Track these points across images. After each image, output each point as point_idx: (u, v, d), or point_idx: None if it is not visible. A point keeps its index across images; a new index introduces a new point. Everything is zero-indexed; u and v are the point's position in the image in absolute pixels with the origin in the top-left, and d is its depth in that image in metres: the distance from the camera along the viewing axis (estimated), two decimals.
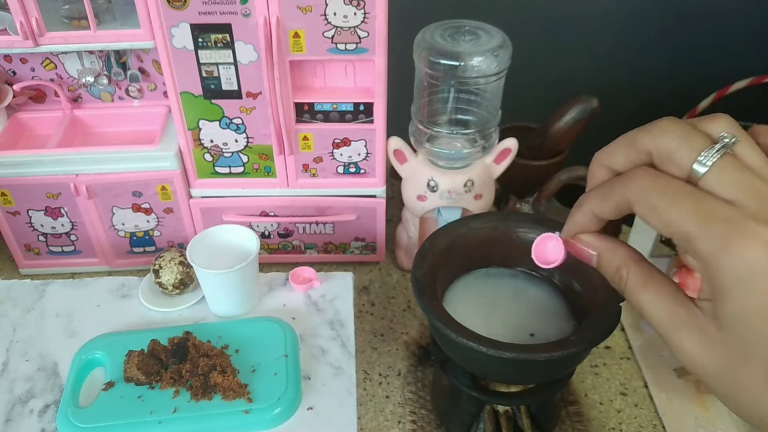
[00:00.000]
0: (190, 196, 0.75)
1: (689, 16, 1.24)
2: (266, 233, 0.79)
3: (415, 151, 0.73)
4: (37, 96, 0.77)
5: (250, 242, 0.63)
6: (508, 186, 0.83)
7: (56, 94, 0.75)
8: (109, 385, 0.55)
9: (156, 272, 0.65)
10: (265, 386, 0.55)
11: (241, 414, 0.52)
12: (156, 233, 0.78)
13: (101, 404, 0.53)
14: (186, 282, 0.66)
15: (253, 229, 0.67)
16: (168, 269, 0.65)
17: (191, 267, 0.64)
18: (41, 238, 0.77)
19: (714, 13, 1.24)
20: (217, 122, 0.69)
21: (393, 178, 0.87)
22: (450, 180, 0.70)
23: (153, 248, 0.79)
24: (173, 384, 0.55)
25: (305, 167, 0.73)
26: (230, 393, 0.54)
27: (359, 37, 0.63)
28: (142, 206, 0.75)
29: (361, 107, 0.68)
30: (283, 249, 0.81)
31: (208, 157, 0.72)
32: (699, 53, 1.29)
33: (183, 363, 0.56)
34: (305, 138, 0.71)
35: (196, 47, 0.63)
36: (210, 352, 0.57)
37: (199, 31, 0.62)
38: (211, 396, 0.54)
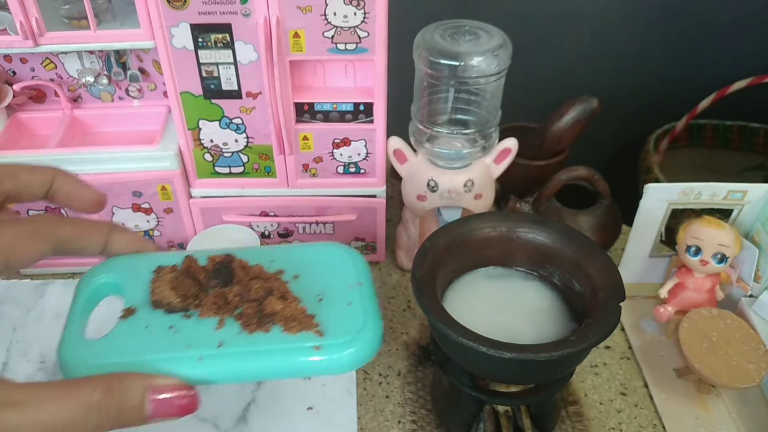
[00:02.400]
0: (190, 196, 0.75)
1: (689, 16, 1.24)
2: (266, 233, 0.79)
3: (415, 151, 0.73)
4: (37, 96, 0.77)
5: (250, 242, 0.64)
6: (508, 186, 0.83)
7: (56, 94, 0.76)
8: (129, 311, 0.40)
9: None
10: (338, 318, 0.41)
11: (309, 350, 0.38)
12: (156, 233, 0.78)
13: (119, 336, 0.39)
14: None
15: (253, 229, 0.67)
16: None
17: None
18: None
19: (714, 14, 1.24)
20: (217, 122, 0.69)
21: (393, 178, 0.87)
22: (450, 180, 0.70)
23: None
24: (217, 311, 0.40)
25: (305, 167, 0.73)
26: (294, 324, 0.40)
27: (359, 37, 0.63)
28: (142, 206, 0.75)
29: (361, 107, 0.69)
30: None
31: (208, 157, 0.72)
32: (699, 53, 1.29)
33: (228, 286, 0.42)
34: (305, 138, 0.71)
35: (196, 47, 0.63)
36: (262, 275, 0.43)
37: (199, 31, 0.62)
38: (268, 327, 0.40)
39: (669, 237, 0.71)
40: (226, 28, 0.62)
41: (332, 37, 0.63)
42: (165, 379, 0.32)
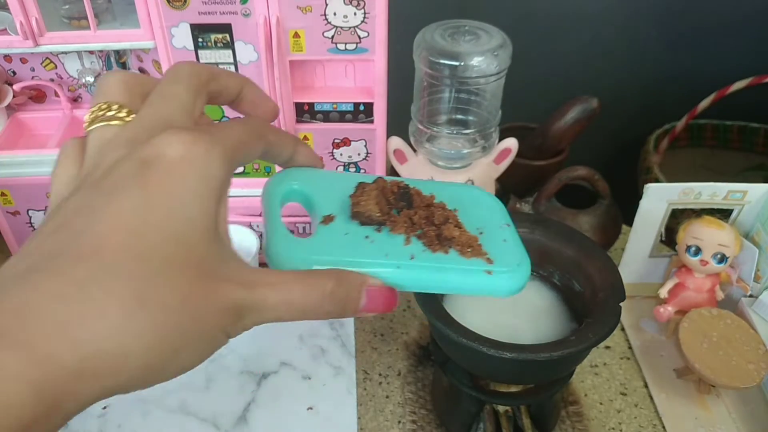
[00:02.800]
0: None
1: (689, 16, 1.24)
2: None
3: (415, 151, 0.73)
4: (37, 96, 0.77)
5: (250, 242, 0.64)
6: (508, 186, 0.83)
7: (56, 94, 0.76)
8: (329, 218, 0.43)
9: None
10: (499, 250, 0.46)
11: (482, 274, 0.44)
12: None
13: (324, 238, 0.41)
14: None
15: (253, 230, 0.67)
16: None
17: None
18: None
19: (714, 14, 1.24)
20: (218, 122, 0.69)
21: None
22: (450, 180, 0.70)
23: None
24: (406, 230, 0.44)
25: None
26: (468, 250, 0.45)
27: (359, 37, 0.63)
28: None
29: (361, 107, 0.69)
30: None
31: None
32: (699, 53, 1.29)
33: (412, 209, 0.46)
34: (305, 138, 0.71)
35: (196, 47, 0.63)
36: (433, 204, 0.47)
37: (199, 31, 0.62)
38: (447, 250, 0.44)
39: (669, 237, 0.71)
40: (226, 28, 0.62)
41: (332, 37, 0.63)
42: (374, 279, 0.36)
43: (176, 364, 0.27)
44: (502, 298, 0.45)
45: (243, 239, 0.64)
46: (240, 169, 0.73)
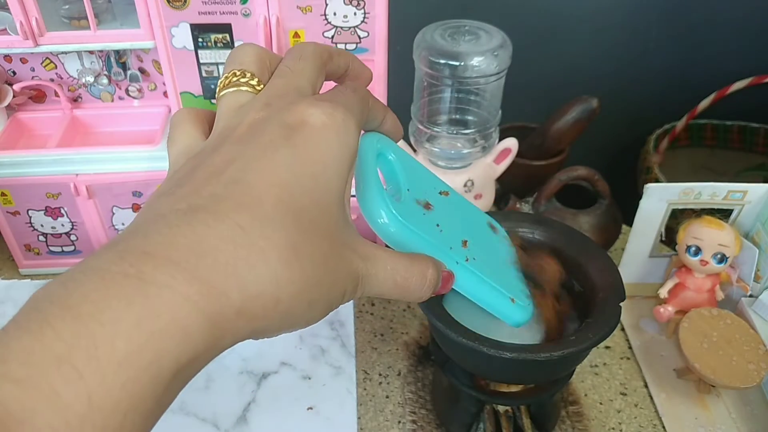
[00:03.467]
0: None
1: (689, 16, 1.24)
2: None
3: (415, 150, 0.73)
4: (37, 96, 0.77)
5: None
6: (508, 186, 0.83)
7: (56, 94, 0.76)
8: (428, 205, 0.44)
9: None
10: (515, 285, 0.49)
11: (508, 299, 0.46)
12: None
13: (407, 211, 0.40)
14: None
15: None
16: None
17: None
18: (41, 238, 0.77)
19: (714, 13, 1.24)
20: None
21: None
22: (450, 180, 0.70)
23: None
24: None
25: None
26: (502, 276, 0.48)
27: (359, 37, 0.63)
28: (143, 206, 0.74)
29: None
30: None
31: None
32: (699, 53, 1.29)
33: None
34: None
35: (196, 47, 0.63)
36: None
37: (199, 31, 0.62)
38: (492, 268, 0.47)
39: (669, 237, 0.71)
40: (226, 28, 0.62)
41: (332, 37, 0.63)
42: (442, 264, 0.38)
43: (308, 316, 0.29)
44: (508, 323, 0.47)
45: None
46: None
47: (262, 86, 0.32)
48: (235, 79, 0.32)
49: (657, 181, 1.19)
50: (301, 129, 0.28)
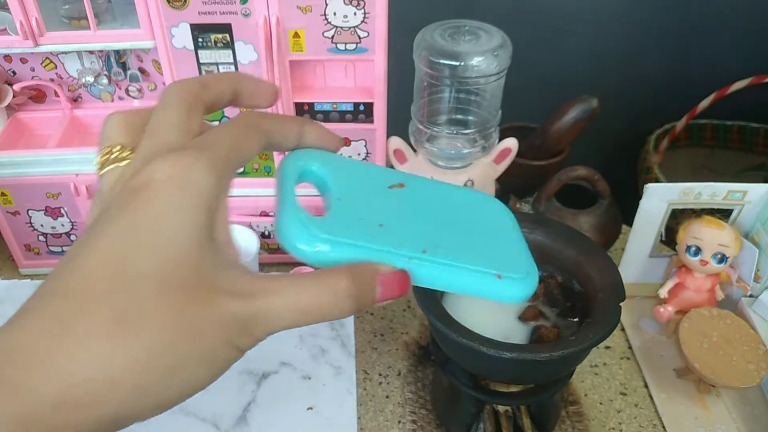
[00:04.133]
0: None
1: (689, 16, 1.24)
2: (266, 233, 0.79)
3: (415, 151, 0.73)
4: (37, 96, 0.77)
5: (251, 242, 0.64)
6: (508, 186, 0.83)
7: (56, 94, 0.76)
8: (370, 206, 0.44)
9: None
10: (510, 257, 0.45)
11: (493, 277, 0.43)
12: None
13: (337, 219, 0.40)
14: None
15: (253, 229, 0.67)
16: None
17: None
18: (41, 238, 0.77)
19: (714, 14, 1.24)
20: (218, 122, 0.69)
21: None
22: (450, 180, 0.70)
23: None
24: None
25: None
26: (481, 252, 0.45)
27: (359, 37, 0.63)
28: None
29: (361, 107, 0.69)
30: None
31: None
32: (699, 53, 1.29)
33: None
34: None
35: (196, 47, 0.63)
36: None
37: (199, 31, 0.62)
38: (461, 248, 0.44)
39: (669, 237, 0.71)
40: (226, 28, 0.62)
41: (332, 37, 0.63)
42: (385, 266, 0.35)
43: (177, 384, 0.27)
44: (507, 304, 0.45)
45: (243, 239, 0.64)
46: (240, 169, 0.73)
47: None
48: (106, 158, 0.31)
49: (657, 181, 1.19)
50: (143, 190, 0.27)
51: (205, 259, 0.28)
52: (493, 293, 0.42)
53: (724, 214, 0.70)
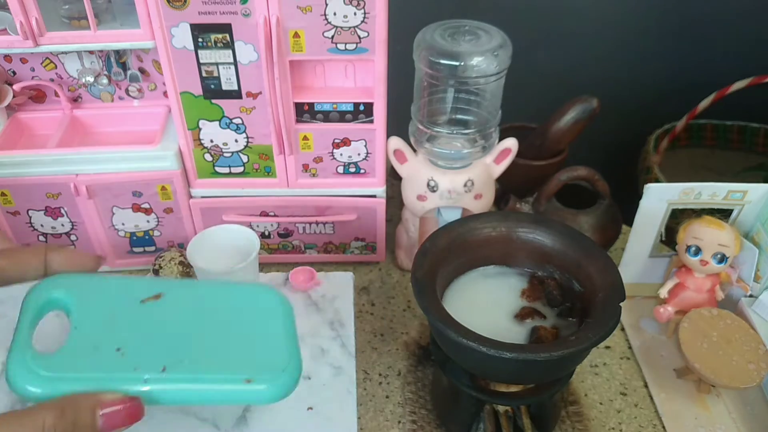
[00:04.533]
0: (190, 196, 0.75)
1: (689, 16, 1.24)
2: (266, 233, 0.79)
3: (415, 151, 0.73)
4: (37, 96, 0.77)
5: (250, 242, 0.64)
6: (508, 186, 0.83)
7: (56, 94, 0.76)
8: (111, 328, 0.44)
9: (156, 272, 0.65)
10: (266, 355, 0.46)
11: (241, 383, 0.44)
12: (156, 233, 0.78)
13: (70, 351, 0.42)
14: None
15: (253, 229, 0.67)
16: (168, 269, 0.65)
17: (191, 267, 0.62)
18: (41, 238, 0.77)
19: (714, 14, 1.24)
20: (217, 122, 0.69)
21: (393, 178, 0.87)
22: (450, 180, 0.70)
23: (153, 248, 0.79)
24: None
25: (305, 167, 0.73)
26: (227, 358, 0.44)
27: (359, 37, 0.63)
28: (142, 206, 0.75)
29: (361, 107, 0.69)
30: (283, 249, 0.81)
31: (208, 157, 0.72)
32: (699, 53, 1.29)
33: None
34: (305, 138, 0.71)
35: (196, 47, 0.63)
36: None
37: (199, 31, 0.62)
38: (205, 359, 0.44)
39: (669, 237, 0.71)
40: (226, 28, 0.62)
41: (332, 37, 0.63)
42: (111, 394, 0.35)
43: None
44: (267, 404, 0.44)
45: (243, 239, 0.64)
46: (240, 169, 0.73)
47: None
48: None
49: (657, 181, 1.19)
50: None
51: None
52: (243, 399, 0.43)
53: (724, 214, 0.70)
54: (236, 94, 0.67)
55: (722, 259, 0.65)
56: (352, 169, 0.74)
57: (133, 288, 0.46)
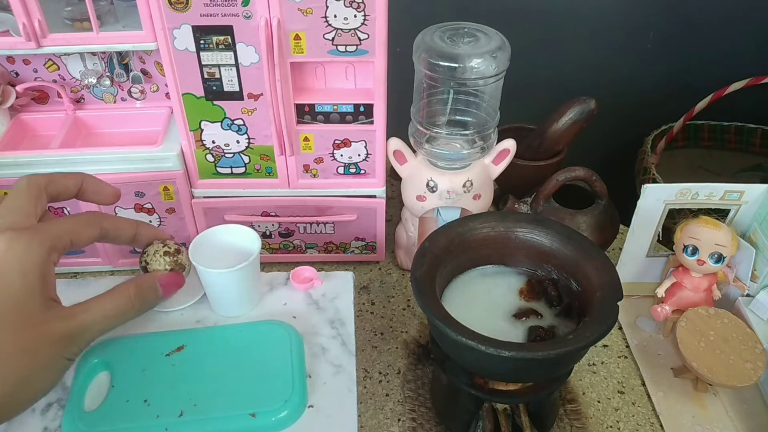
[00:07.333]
0: (192, 197, 0.76)
1: (687, 17, 1.25)
2: (267, 233, 0.79)
3: (414, 151, 0.73)
4: (40, 97, 0.77)
5: (252, 242, 0.64)
6: (507, 186, 0.84)
7: (59, 95, 0.76)
8: (143, 381, 0.56)
9: (144, 269, 0.62)
10: (269, 388, 0.55)
11: (247, 417, 0.53)
12: None
13: (108, 406, 0.54)
14: (177, 271, 0.63)
15: (255, 229, 0.68)
16: (155, 263, 0.62)
17: (179, 254, 0.60)
18: None
19: (712, 15, 1.25)
20: (219, 123, 0.70)
21: (393, 179, 0.87)
22: (449, 180, 0.70)
23: None
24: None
25: (306, 168, 0.74)
26: (235, 397, 0.55)
27: (359, 38, 0.64)
28: (145, 206, 0.75)
29: (361, 108, 0.69)
30: (284, 249, 0.82)
31: (209, 157, 0.73)
32: (696, 54, 1.29)
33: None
34: (306, 139, 0.71)
35: (198, 49, 0.64)
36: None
37: (201, 33, 0.63)
38: (216, 400, 0.54)
39: (666, 237, 0.72)
40: (228, 30, 0.63)
41: (333, 39, 0.64)
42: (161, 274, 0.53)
43: (30, 390, 0.41)
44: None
45: (244, 239, 0.65)
46: (241, 170, 0.74)
47: None
48: None
49: (654, 181, 1.19)
50: None
51: (36, 304, 0.41)
52: (250, 431, 0.52)
53: (721, 214, 0.70)
54: (238, 96, 0.67)
55: (719, 258, 0.66)
56: (353, 170, 0.74)
57: (160, 343, 0.58)
